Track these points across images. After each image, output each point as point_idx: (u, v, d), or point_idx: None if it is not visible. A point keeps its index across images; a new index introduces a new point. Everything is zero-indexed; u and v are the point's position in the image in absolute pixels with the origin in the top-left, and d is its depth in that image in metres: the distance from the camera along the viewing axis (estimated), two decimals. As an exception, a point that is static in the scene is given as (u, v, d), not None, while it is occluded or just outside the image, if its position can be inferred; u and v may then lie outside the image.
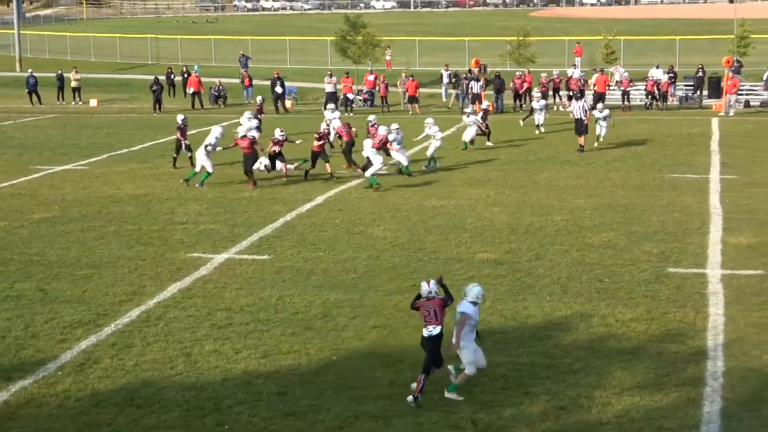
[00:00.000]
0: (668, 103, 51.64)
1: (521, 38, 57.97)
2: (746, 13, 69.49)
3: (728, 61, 51.96)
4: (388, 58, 64.02)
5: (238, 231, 24.52)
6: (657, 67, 53.24)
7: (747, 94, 51.14)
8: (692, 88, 52.66)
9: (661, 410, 13.35)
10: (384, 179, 30.70)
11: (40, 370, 14.95)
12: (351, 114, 49.35)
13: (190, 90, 54.19)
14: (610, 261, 21.47)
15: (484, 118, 39.76)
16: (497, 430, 12.86)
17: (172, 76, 59.44)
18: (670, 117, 51.10)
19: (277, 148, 31.49)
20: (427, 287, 13.71)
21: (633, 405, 13.53)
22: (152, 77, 56.67)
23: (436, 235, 24.25)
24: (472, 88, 50.17)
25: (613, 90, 51.69)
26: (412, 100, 51.93)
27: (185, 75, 57.48)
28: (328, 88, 51.92)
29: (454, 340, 13.41)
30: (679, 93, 52.79)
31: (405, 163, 31.72)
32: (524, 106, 50.09)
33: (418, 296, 14.25)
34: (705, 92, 51.89)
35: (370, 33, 59.25)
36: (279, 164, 31.52)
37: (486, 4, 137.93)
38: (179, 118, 34.69)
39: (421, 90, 53.38)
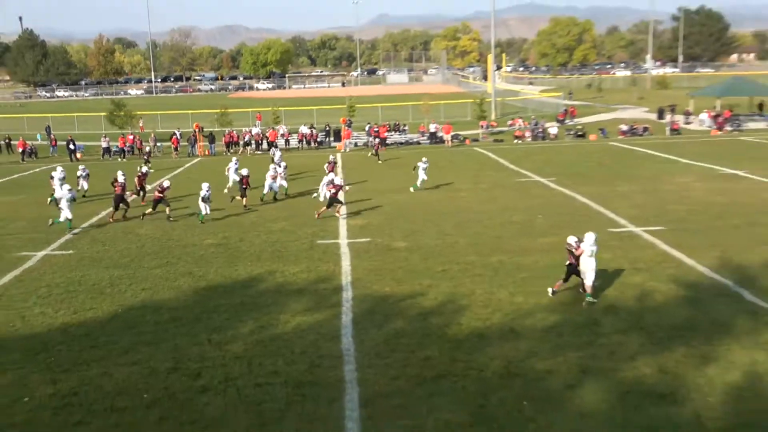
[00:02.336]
0: (312, 145, 53.59)
1: (223, 110, 60.50)
2: (353, 92, 76.86)
3: (344, 120, 57.67)
4: (141, 124, 64.70)
5: (51, 237, 24.02)
6: (304, 125, 55.64)
7: (357, 139, 54.00)
8: (325, 134, 54.98)
9: (319, 322, 15.28)
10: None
11: None
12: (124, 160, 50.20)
13: (20, 149, 51.47)
14: (284, 238, 22.83)
15: None
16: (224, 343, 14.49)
17: (8, 140, 57.03)
18: (314, 153, 52.73)
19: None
20: None
21: (303, 321, 15.36)
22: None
23: (180, 231, 24.60)
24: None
25: (282, 138, 53.37)
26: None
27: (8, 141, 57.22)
28: (104, 144, 52.77)
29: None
30: (320, 138, 54.61)
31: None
32: (232, 150, 51.31)
33: None
34: (332, 138, 54.67)
35: (128, 109, 64.44)
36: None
37: (200, 90, 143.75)
38: (143, 168, 31.56)
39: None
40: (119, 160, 50.24)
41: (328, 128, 55.96)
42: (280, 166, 31.68)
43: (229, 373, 12.97)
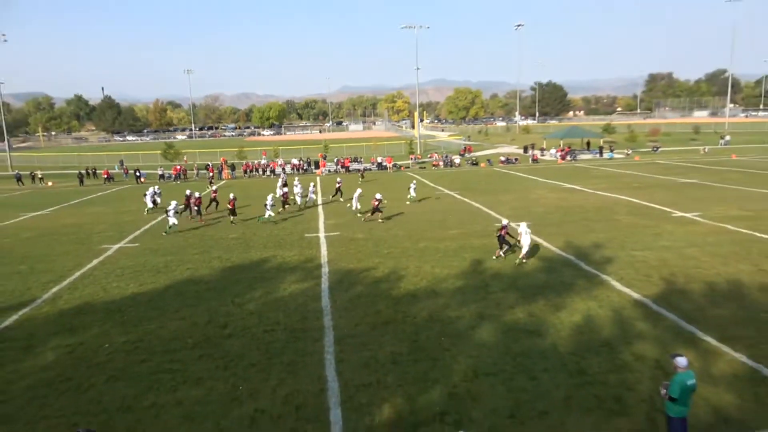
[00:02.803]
0: (300, 171, 52.35)
1: (240, 149, 60.60)
2: (327, 137, 74.54)
3: (321, 155, 56.01)
4: (185, 159, 62.63)
5: (125, 234, 22.93)
6: (294, 158, 55.03)
7: (330, 167, 53.02)
8: (308, 164, 53.89)
9: (306, 290, 15.04)
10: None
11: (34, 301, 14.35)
12: (177, 182, 48.51)
13: (104, 176, 49.20)
14: (282, 233, 22.27)
15: None
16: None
17: (94, 170, 53.86)
18: (304, 176, 51.90)
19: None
20: None
21: (296, 288, 15.11)
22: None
23: (213, 230, 23.64)
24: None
25: (280, 166, 51.42)
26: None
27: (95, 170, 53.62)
28: (159, 172, 49.97)
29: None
30: (305, 167, 53.63)
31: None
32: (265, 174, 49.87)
33: None
34: (313, 166, 52.92)
35: (176, 148, 63.00)
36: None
37: (224, 136, 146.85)
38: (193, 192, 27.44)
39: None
40: (175, 182, 47.67)
41: (309, 160, 55.47)
42: (297, 186, 29.61)
43: (246, 323, 12.77)
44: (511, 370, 10.11)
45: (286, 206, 28.16)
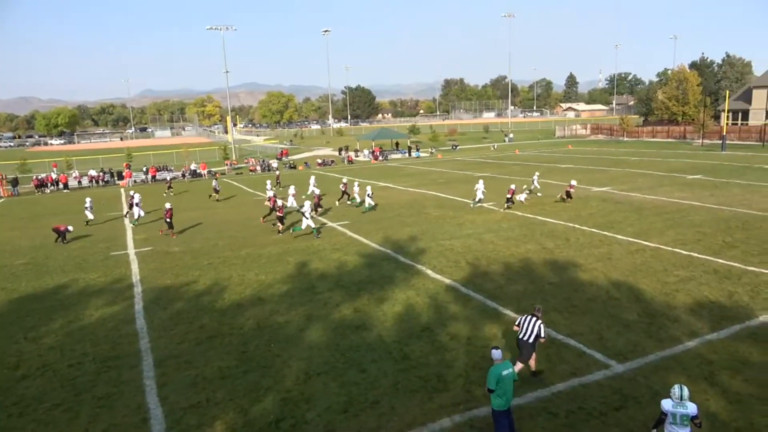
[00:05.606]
0: (100, 183, 47.38)
1: (22, 161, 50.11)
2: (130, 144, 67.28)
3: (126, 165, 50.25)
4: None
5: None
6: (92, 169, 48.74)
7: (136, 177, 48.45)
8: (110, 175, 48.64)
9: (117, 313, 13.64)
10: None
11: None
12: None
13: None
14: (83, 253, 19.68)
15: None
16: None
17: None
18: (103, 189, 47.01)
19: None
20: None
21: (105, 312, 13.65)
22: None
23: None
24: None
25: (75, 179, 45.63)
26: None
27: None
28: None
29: None
30: (106, 179, 48.46)
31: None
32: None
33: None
34: (116, 178, 48.13)
35: None
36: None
37: (1, 147, 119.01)
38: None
39: None
40: None
41: (112, 170, 50.14)
42: (134, 198, 26.48)
43: (45, 360, 11.21)
44: (341, 366, 10.35)
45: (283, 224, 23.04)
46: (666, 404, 6.77)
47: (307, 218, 20.83)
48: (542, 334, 9.20)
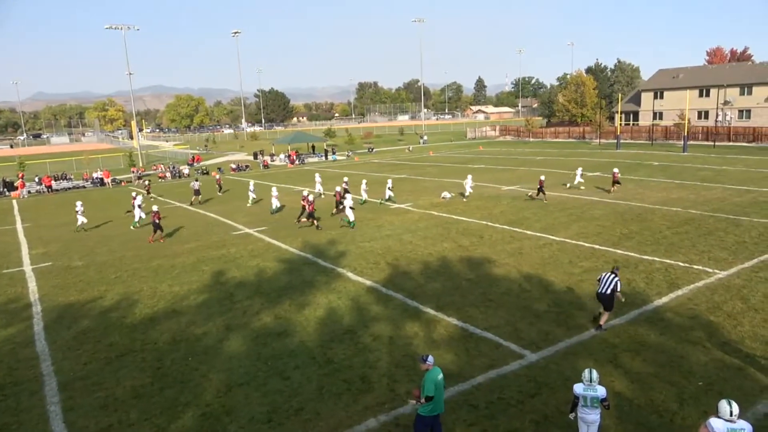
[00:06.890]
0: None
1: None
2: (22, 152, 61.51)
3: (21, 174, 46.02)
4: None
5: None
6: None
7: (30, 188, 44.76)
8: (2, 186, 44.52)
9: (13, 335, 12.52)
10: None
11: None
12: None
13: None
14: None
15: None
16: None
17: None
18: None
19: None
20: None
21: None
22: None
23: None
24: None
25: None
26: None
27: None
28: None
29: None
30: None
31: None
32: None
33: None
34: (6, 189, 44.33)
35: None
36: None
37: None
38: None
39: None
40: None
41: (4, 180, 45.89)
42: (136, 199, 26.15)
43: (-73, 393, 10.02)
44: (263, 375, 10.12)
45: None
46: (578, 388, 7.10)
47: (348, 210, 22.03)
48: (618, 288, 10.68)
